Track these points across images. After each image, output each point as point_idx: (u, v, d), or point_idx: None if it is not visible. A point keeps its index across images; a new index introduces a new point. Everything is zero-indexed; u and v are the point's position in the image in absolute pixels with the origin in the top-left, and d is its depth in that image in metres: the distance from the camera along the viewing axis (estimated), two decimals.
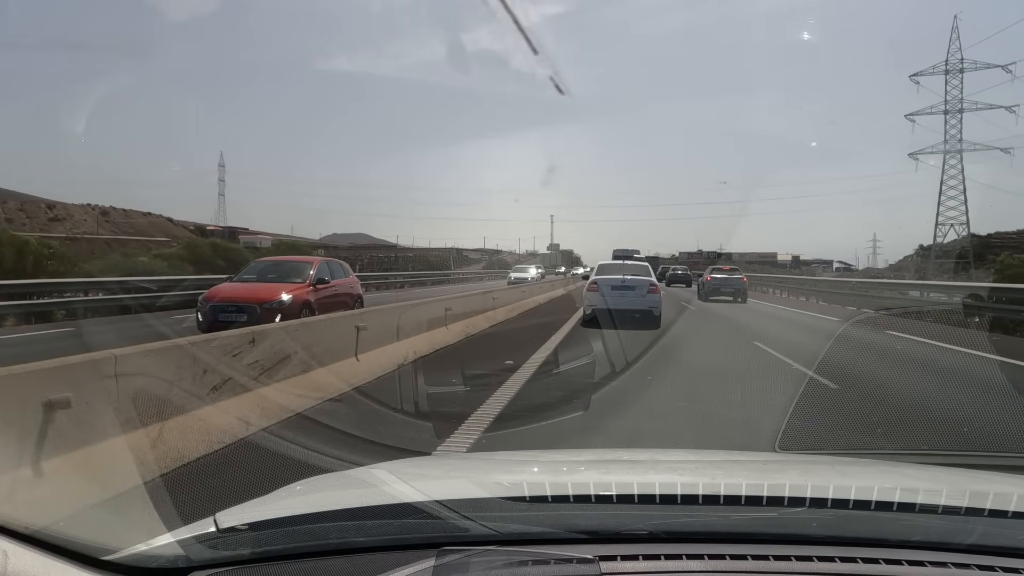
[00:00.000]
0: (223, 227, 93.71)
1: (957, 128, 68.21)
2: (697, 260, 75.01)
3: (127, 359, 4.10)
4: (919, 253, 70.93)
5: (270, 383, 5.60)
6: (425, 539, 1.34)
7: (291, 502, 1.66)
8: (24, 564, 1.27)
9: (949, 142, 68.44)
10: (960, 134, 68.27)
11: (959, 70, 67.71)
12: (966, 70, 67.63)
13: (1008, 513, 1.45)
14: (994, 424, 5.64)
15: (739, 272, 28.41)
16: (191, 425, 4.43)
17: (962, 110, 68.04)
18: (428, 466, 2.42)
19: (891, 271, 67.44)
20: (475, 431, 5.22)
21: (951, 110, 68.48)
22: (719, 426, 5.82)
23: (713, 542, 1.33)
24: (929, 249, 68.42)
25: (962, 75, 67.59)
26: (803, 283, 34.10)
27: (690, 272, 42.49)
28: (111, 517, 3.14)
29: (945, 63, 68.03)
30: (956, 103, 67.98)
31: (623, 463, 2.28)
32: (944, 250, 66.57)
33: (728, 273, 27.73)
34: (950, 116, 68.72)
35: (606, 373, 7.92)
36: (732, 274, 27.58)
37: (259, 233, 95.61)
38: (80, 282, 17.63)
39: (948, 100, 67.98)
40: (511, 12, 5.37)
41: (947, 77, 68.17)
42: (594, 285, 14.78)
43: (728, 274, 27.60)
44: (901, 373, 9.15)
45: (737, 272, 28.21)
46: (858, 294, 23.71)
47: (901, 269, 66.50)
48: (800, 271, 73.78)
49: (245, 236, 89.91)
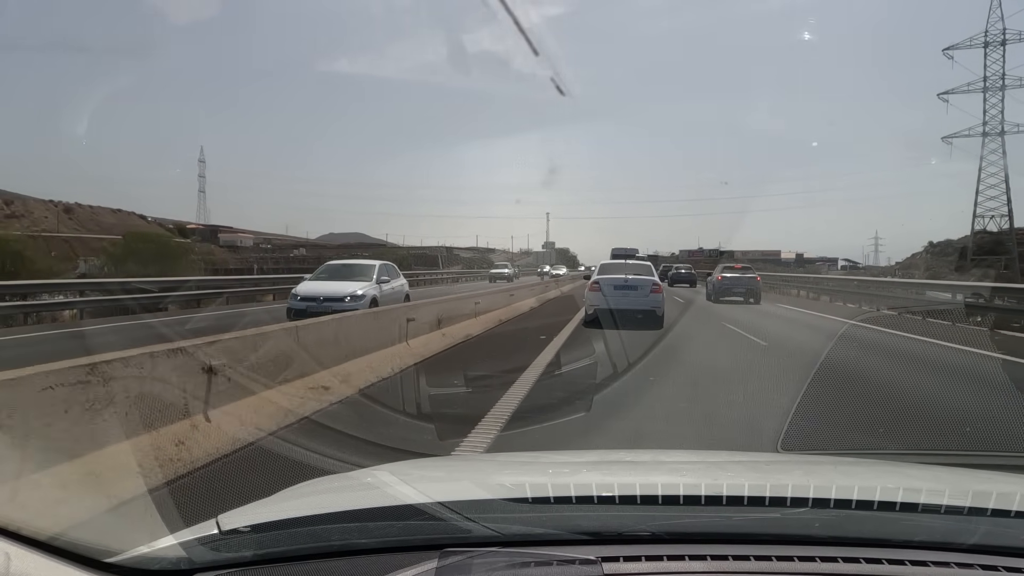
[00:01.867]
0: (204, 225, 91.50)
1: (998, 108, 58.05)
2: (698, 258, 74.30)
3: (129, 361, 4.10)
4: (928, 250, 66.71)
5: (274, 385, 5.61)
6: (427, 540, 1.34)
7: (293, 504, 1.66)
8: (26, 566, 1.27)
9: (989, 123, 58.61)
10: (1002, 115, 58.10)
11: (1000, 42, 57.54)
12: (1008, 42, 57.51)
13: (1011, 513, 1.45)
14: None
15: (752, 271, 26.34)
16: (193, 427, 4.43)
17: (1004, 87, 57.90)
18: (430, 468, 2.42)
19: (898, 269, 63.13)
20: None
21: (991, 87, 57.03)
22: (721, 427, 5.82)
23: (716, 543, 1.33)
24: (940, 246, 63.41)
25: (1004, 48, 57.60)
26: (819, 282, 32.12)
27: (694, 271, 40.59)
28: (114, 519, 3.14)
29: (984, 34, 58.01)
30: (997, 80, 57.79)
31: (625, 464, 2.28)
32: (955, 247, 61.19)
33: (740, 272, 25.62)
34: (990, 94, 58.01)
35: (608, 379, 7.91)
36: (744, 273, 25.43)
37: (240, 231, 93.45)
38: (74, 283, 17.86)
39: (988, 76, 58.03)
40: (511, 13, 5.38)
41: (986, 50, 58.06)
42: (596, 285, 14.73)
43: (740, 273, 25.49)
44: None
45: (750, 271, 26.16)
46: (878, 294, 22.39)
47: (910, 267, 61.47)
48: (804, 269, 71.58)
49: (225, 235, 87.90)
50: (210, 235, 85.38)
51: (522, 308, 18.46)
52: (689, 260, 65.32)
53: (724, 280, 24.95)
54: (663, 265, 44.34)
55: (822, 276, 43.26)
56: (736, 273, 25.40)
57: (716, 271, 26.43)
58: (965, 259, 55.61)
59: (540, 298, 22.46)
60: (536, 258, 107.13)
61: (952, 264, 55.67)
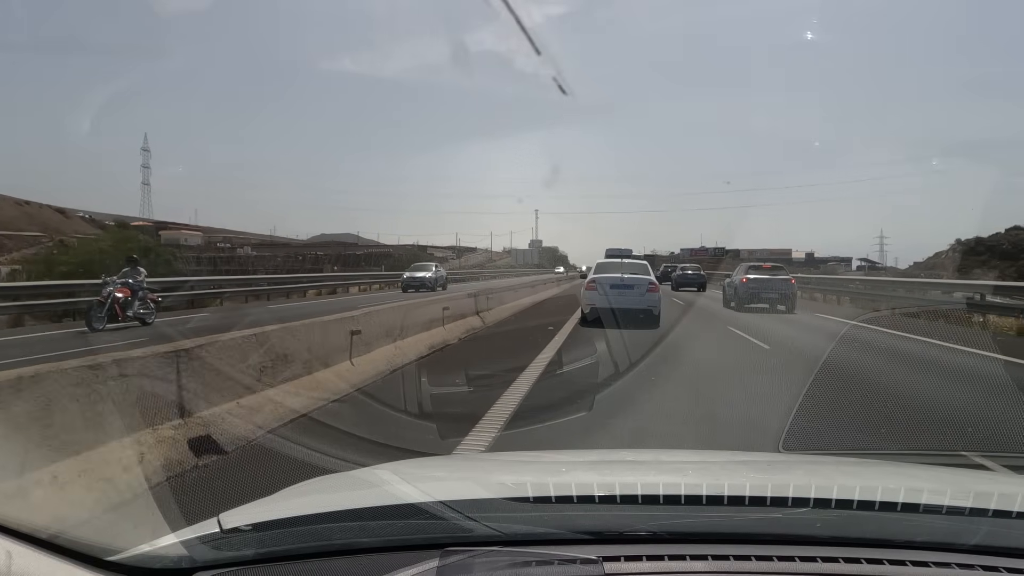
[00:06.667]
0: (152, 222, 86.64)
1: None
2: (702, 257, 72.72)
3: (130, 361, 4.11)
4: (955, 248, 58.38)
5: (275, 384, 5.62)
6: (429, 540, 1.34)
7: (295, 503, 1.66)
8: (28, 564, 1.27)
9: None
10: None
11: None
12: None
13: (1012, 514, 1.45)
14: None
15: (784, 271, 21.70)
16: (194, 426, 4.44)
17: None
18: (431, 467, 2.42)
19: (920, 270, 56.87)
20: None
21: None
22: (723, 426, 5.81)
23: (717, 543, 1.33)
24: (968, 243, 55.52)
25: None
26: (842, 283, 27.83)
27: (703, 272, 34.86)
28: (115, 518, 3.15)
29: None
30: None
31: (627, 463, 2.28)
32: (986, 245, 53.39)
33: (770, 273, 20.71)
34: None
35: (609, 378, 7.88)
36: (776, 274, 20.61)
37: (184, 228, 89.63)
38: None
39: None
40: (514, 12, 5.37)
41: None
42: (592, 283, 14.96)
43: (770, 274, 20.57)
44: None
45: (782, 271, 21.44)
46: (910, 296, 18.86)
47: (934, 267, 55.22)
48: (819, 270, 66.95)
49: (166, 232, 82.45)
50: (155, 232, 77.96)
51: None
52: (691, 259, 61.86)
53: (750, 283, 20.03)
54: (665, 265, 41.46)
55: (848, 277, 38.46)
56: (765, 274, 20.53)
57: (738, 272, 21.41)
58: (997, 257, 49.38)
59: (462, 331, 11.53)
60: (517, 257, 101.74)
61: (988, 263, 49.53)
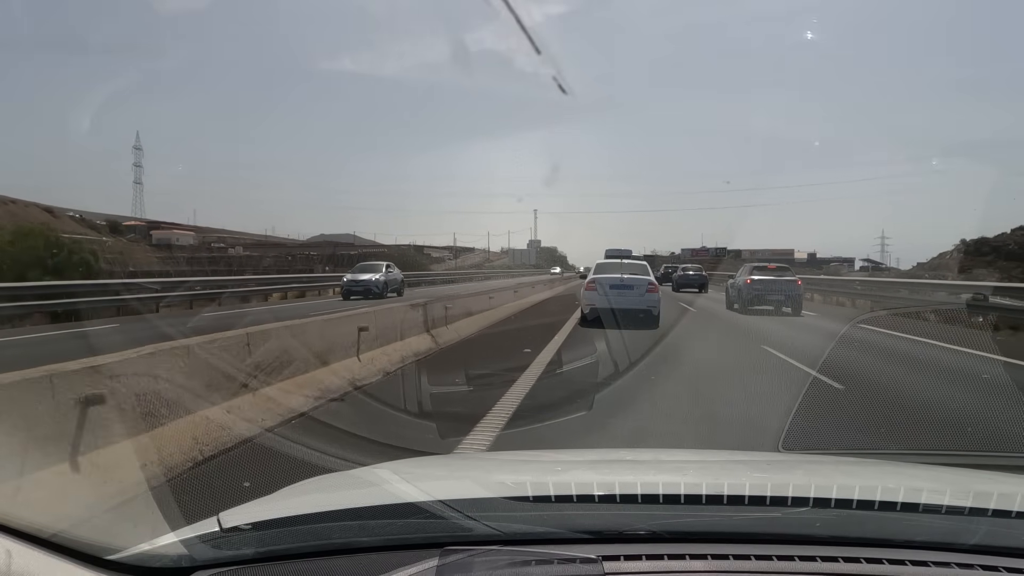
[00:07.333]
0: (145, 221, 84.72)
1: None
2: (703, 258, 72.47)
3: (131, 361, 4.11)
4: (960, 249, 55.77)
5: (274, 383, 5.62)
6: (428, 539, 1.34)
7: (294, 502, 1.66)
8: (27, 563, 1.27)
9: None
10: None
11: None
12: None
13: (1012, 513, 1.45)
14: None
15: (790, 272, 21.11)
16: (195, 425, 4.44)
17: None
18: (431, 466, 2.42)
19: (924, 271, 54.48)
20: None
21: None
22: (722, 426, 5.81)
23: (716, 542, 1.33)
24: (974, 244, 52.99)
25: None
26: (847, 284, 26.74)
27: (705, 273, 34.32)
28: (115, 517, 3.15)
29: None
30: None
31: (626, 463, 2.28)
32: (991, 246, 50.35)
33: (776, 274, 20.15)
34: None
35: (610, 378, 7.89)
36: (781, 275, 20.03)
37: (177, 227, 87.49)
38: None
39: None
40: (514, 12, 5.37)
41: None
42: (592, 284, 15.00)
43: (775, 274, 20.01)
44: None
45: (788, 272, 20.85)
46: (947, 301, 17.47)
47: (938, 268, 52.44)
48: (821, 270, 66.04)
49: (161, 232, 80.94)
50: (147, 232, 78.38)
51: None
52: (691, 260, 61.27)
53: (755, 284, 19.58)
54: (665, 266, 41.50)
55: (857, 278, 37.05)
56: (770, 275, 20.05)
57: (742, 272, 20.98)
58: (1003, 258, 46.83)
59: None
60: (514, 257, 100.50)
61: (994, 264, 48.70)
